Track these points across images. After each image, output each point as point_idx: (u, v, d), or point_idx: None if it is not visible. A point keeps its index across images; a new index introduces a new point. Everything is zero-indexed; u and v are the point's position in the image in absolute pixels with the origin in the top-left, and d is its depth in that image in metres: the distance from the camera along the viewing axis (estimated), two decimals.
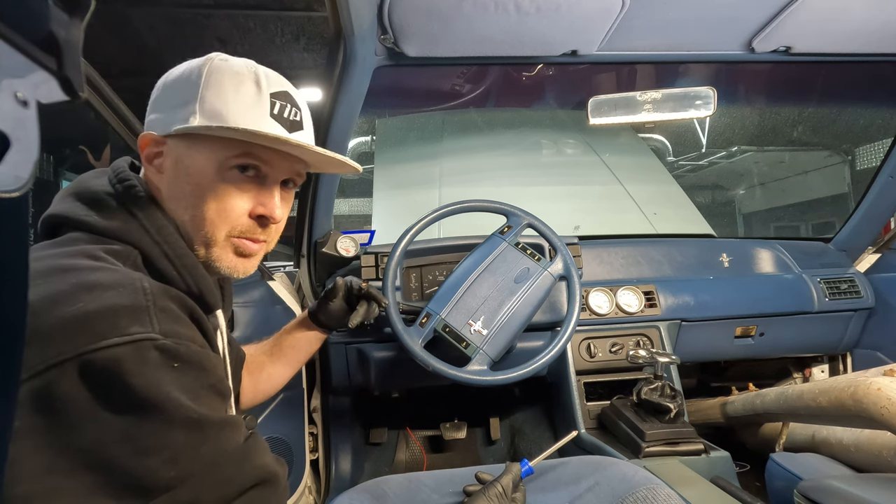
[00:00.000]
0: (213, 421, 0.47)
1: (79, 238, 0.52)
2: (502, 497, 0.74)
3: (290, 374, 0.99)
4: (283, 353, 0.98)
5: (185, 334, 0.48)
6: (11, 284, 0.24)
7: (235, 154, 0.56)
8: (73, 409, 0.40)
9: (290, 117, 0.59)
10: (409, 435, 1.84)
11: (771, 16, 1.04)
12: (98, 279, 0.45)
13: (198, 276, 0.56)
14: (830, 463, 1.16)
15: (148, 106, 0.59)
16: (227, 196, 0.56)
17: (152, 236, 0.54)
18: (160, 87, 0.59)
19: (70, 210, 0.54)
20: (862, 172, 3.68)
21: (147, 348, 0.43)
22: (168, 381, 0.44)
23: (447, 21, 0.99)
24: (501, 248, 1.24)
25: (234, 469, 0.50)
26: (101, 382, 0.41)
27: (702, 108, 1.38)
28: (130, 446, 0.42)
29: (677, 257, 1.64)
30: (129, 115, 0.97)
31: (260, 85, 0.57)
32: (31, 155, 0.24)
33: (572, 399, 1.38)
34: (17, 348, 0.25)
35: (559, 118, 3.54)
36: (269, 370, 0.96)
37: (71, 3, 0.26)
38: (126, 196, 0.55)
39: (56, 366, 0.40)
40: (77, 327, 0.41)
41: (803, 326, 1.57)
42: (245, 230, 0.59)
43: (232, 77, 0.56)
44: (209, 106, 0.55)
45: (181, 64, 0.59)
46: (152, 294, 0.46)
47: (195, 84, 0.56)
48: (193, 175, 0.56)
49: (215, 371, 0.50)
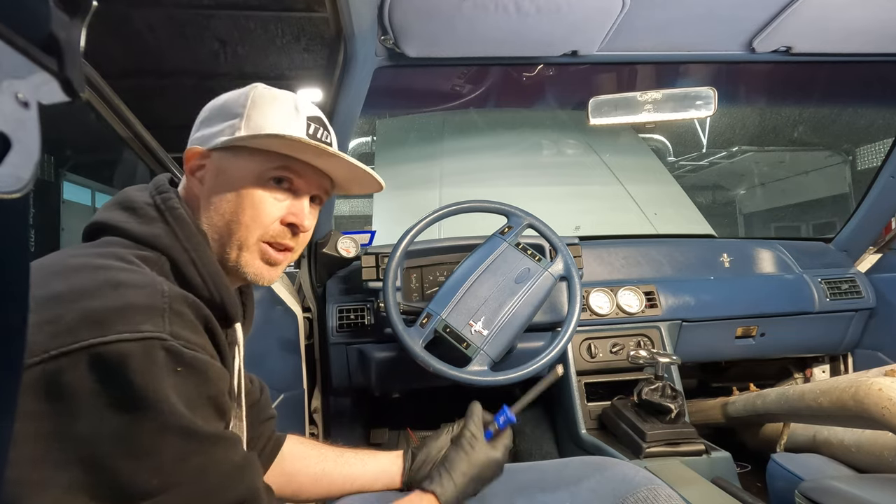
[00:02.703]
0: (206, 433, 0.47)
1: (113, 242, 0.55)
2: (474, 441, 0.74)
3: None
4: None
5: (195, 340, 0.48)
6: (12, 284, 0.24)
7: (274, 166, 0.61)
8: (75, 398, 0.41)
9: (322, 139, 0.64)
10: (410, 435, 1.84)
11: (771, 16, 1.04)
12: (124, 278, 0.47)
13: (221, 286, 0.58)
14: (831, 463, 1.16)
15: (193, 126, 0.65)
16: (263, 203, 0.62)
17: (182, 244, 0.56)
18: (208, 109, 0.65)
19: (110, 218, 0.57)
20: (862, 172, 3.68)
21: (154, 347, 0.44)
22: (168, 385, 0.44)
23: (447, 22, 0.99)
24: (502, 248, 1.24)
25: (222, 486, 0.49)
26: (105, 375, 0.41)
27: (702, 109, 1.38)
28: (120, 446, 0.42)
29: (678, 257, 1.64)
30: (129, 115, 0.97)
31: (298, 109, 0.63)
32: (32, 156, 0.24)
33: (573, 399, 1.38)
34: (17, 348, 0.25)
35: (559, 118, 3.54)
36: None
37: (71, 3, 0.26)
38: (164, 207, 0.58)
39: (68, 353, 0.41)
40: (95, 319, 0.43)
41: (804, 327, 1.57)
42: (276, 235, 0.63)
43: (273, 100, 0.63)
44: (253, 122, 0.61)
45: (227, 92, 0.66)
46: (170, 297, 0.48)
47: (241, 105, 0.62)
48: (234, 182, 0.61)
49: (217, 383, 0.50)
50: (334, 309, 1.45)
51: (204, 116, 0.65)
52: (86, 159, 4.46)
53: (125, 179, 5.26)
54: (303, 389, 1.46)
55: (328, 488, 0.83)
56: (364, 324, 1.44)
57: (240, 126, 0.61)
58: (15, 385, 0.26)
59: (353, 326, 1.44)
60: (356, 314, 1.44)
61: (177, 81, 4.19)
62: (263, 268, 0.64)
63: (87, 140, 3.86)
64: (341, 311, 1.45)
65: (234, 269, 0.62)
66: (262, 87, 0.64)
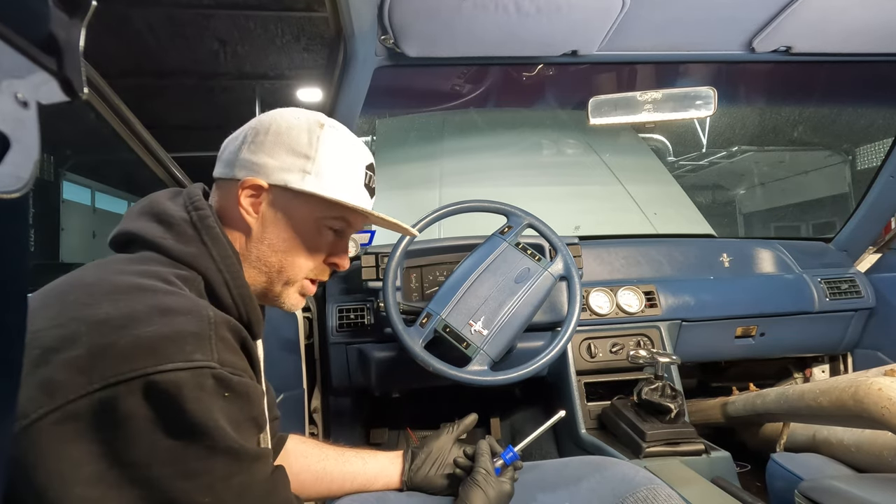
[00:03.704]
0: (249, 452, 0.50)
1: (152, 259, 0.56)
2: (488, 477, 0.77)
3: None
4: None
5: (239, 365, 0.51)
6: (11, 284, 0.24)
7: (335, 216, 0.65)
8: (131, 424, 0.43)
9: (372, 185, 0.69)
10: (410, 435, 1.84)
11: (771, 16, 1.04)
12: (171, 304, 0.49)
13: (250, 307, 0.61)
14: (831, 463, 1.16)
15: (247, 142, 0.63)
16: (318, 248, 0.66)
17: (217, 265, 0.58)
18: (270, 131, 0.63)
19: (146, 230, 0.58)
20: (862, 172, 3.68)
21: (205, 376, 0.46)
22: (217, 409, 0.46)
23: (447, 21, 0.99)
24: (502, 248, 1.24)
25: (260, 500, 0.53)
26: (160, 403, 0.44)
27: (702, 108, 1.38)
28: (174, 468, 0.45)
29: (678, 257, 1.64)
30: (129, 115, 0.97)
31: (359, 157, 0.66)
32: (32, 156, 0.24)
33: (573, 399, 1.38)
34: (17, 348, 0.25)
35: (559, 118, 3.54)
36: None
37: (71, 3, 0.26)
38: (200, 225, 0.59)
39: (126, 381, 0.43)
40: (149, 348, 0.44)
41: (804, 326, 1.57)
42: (319, 273, 0.68)
43: (340, 146, 0.64)
44: (322, 169, 0.62)
45: (288, 113, 0.65)
46: (215, 323, 0.50)
47: (309, 145, 0.62)
48: (294, 225, 0.63)
49: (258, 404, 0.53)
50: (334, 309, 1.45)
51: (262, 140, 0.62)
52: (86, 159, 4.47)
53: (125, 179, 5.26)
54: (302, 389, 1.46)
55: (329, 486, 0.84)
56: (364, 323, 1.44)
57: (310, 171, 0.61)
58: (15, 385, 0.26)
59: (353, 326, 1.44)
60: (356, 314, 1.44)
61: (177, 81, 4.19)
62: (299, 300, 0.68)
63: (87, 140, 3.86)
64: (341, 310, 1.45)
65: (273, 299, 0.66)
66: (329, 128, 0.64)
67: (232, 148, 0.64)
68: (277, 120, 0.63)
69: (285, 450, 0.83)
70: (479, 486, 0.76)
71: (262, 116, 0.65)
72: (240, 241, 0.63)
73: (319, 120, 0.64)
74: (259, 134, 0.63)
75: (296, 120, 0.63)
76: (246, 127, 0.65)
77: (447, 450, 0.86)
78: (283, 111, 0.65)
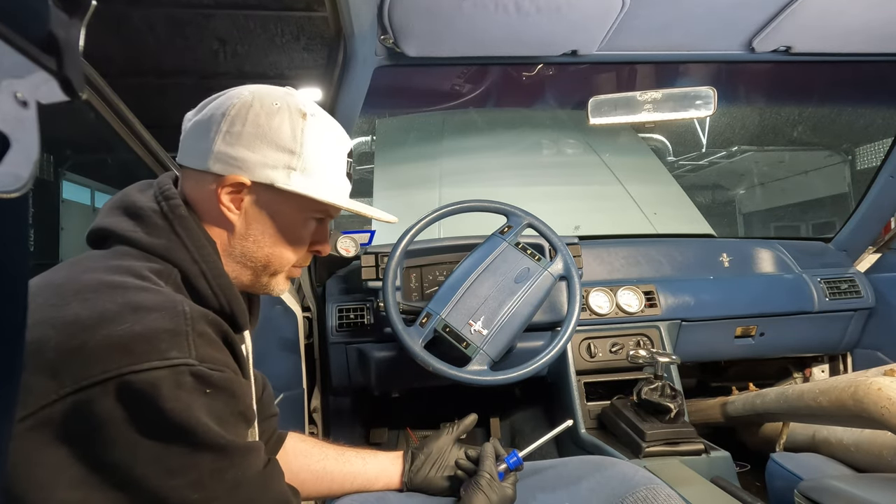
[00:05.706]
0: (238, 447, 0.49)
1: (125, 253, 0.54)
2: (492, 482, 0.76)
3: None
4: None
5: (220, 359, 0.50)
6: (11, 284, 0.24)
7: (318, 209, 0.64)
8: (109, 426, 0.42)
9: (351, 172, 0.68)
10: (410, 435, 1.84)
11: (771, 16, 1.04)
12: (143, 300, 0.47)
13: (231, 297, 0.59)
14: (831, 463, 1.16)
15: (221, 132, 0.57)
16: (303, 240, 0.66)
17: (192, 255, 0.56)
18: (248, 121, 0.57)
19: (117, 225, 0.56)
20: (862, 172, 3.68)
21: (183, 373, 0.45)
22: (199, 407, 0.45)
23: (447, 21, 0.99)
24: (501, 248, 1.24)
25: (255, 494, 0.52)
26: (137, 403, 0.43)
27: (702, 108, 1.38)
28: (159, 467, 0.44)
29: (677, 257, 1.64)
30: (129, 115, 0.97)
31: (342, 144, 0.65)
32: (31, 155, 0.24)
33: (572, 399, 1.38)
34: (17, 348, 0.25)
35: (559, 118, 3.54)
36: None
37: (71, 3, 0.26)
38: (171, 215, 0.57)
39: (99, 383, 0.42)
40: (122, 347, 0.43)
41: (803, 326, 1.57)
42: (302, 260, 0.68)
43: (324, 136, 0.62)
44: (308, 164, 0.60)
45: (265, 97, 0.59)
46: (192, 318, 0.48)
47: (294, 139, 0.58)
48: (280, 221, 0.62)
49: (244, 398, 0.53)
50: (334, 308, 1.45)
51: (235, 130, 0.57)
52: (86, 159, 4.46)
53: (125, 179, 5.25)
54: (302, 389, 1.46)
55: (329, 486, 0.84)
56: (364, 323, 1.44)
57: (295, 167, 0.58)
58: (15, 385, 0.26)
59: (353, 326, 1.44)
60: (356, 314, 1.44)
61: (177, 81, 4.19)
62: (286, 284, 0.69)
63: (87, 140, 3.86)
64: (341, 310, 1.45)
65: (260, 289, 0.66)
66: (311, 117, 0.60)
67: (200, 133, 0.58)
68: (255, 106, 0.57)
69: (285, 448, 0.83)
70: (482, 491, 0.75)
71: (233, 97, 0.58)
72: (221, 238, 0.60)
73: (300, 108, 0.60)
74: (235, 123, 0.57)
75: (274, 106, 0.58)
76: (213, 107, 0.58)
77: (447, 451, 0.86)
78: (256, 92, 0.59)
